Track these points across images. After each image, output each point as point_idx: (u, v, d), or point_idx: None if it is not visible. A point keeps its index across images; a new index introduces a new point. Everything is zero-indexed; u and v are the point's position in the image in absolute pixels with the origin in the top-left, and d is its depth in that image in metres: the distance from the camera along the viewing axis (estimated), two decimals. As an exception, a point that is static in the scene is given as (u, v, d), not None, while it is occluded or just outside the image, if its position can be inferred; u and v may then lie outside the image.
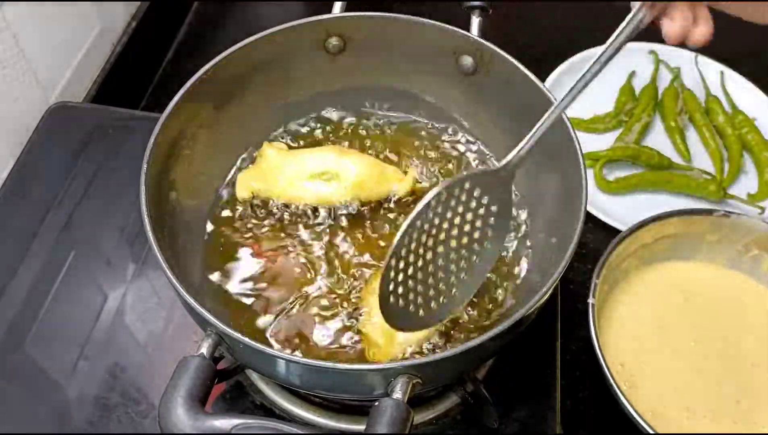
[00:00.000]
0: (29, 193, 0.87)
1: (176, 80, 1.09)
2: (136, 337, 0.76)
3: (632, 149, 0.98)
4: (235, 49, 0.72)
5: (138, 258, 0.82)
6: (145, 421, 0.71)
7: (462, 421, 0.72)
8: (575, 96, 0.58)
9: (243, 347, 0.56)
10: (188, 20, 1.21)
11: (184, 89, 0.68)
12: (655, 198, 0.97)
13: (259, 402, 0.73)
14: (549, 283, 0.59)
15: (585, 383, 0.81)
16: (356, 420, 0.71)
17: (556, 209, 0.69)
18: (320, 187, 0.73)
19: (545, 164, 0.72)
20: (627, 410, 0.70)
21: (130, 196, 0.85)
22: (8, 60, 0.88)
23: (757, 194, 0.96)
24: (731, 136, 1.01)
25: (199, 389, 0.52)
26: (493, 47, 0.73)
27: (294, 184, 0.73)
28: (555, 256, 0.62)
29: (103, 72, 1.06)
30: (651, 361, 0.78)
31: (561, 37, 1.15)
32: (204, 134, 0.73)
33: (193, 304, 0.56)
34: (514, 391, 0.74)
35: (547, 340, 0.77)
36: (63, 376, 0.74)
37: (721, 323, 0.81)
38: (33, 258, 0.81)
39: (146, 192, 0.62)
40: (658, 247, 0.83)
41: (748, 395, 0.76)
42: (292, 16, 0.74)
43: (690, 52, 1.10)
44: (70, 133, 0.92)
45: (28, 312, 0.77)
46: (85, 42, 1.03)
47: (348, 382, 0.57)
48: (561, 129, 0.67)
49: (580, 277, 0.87)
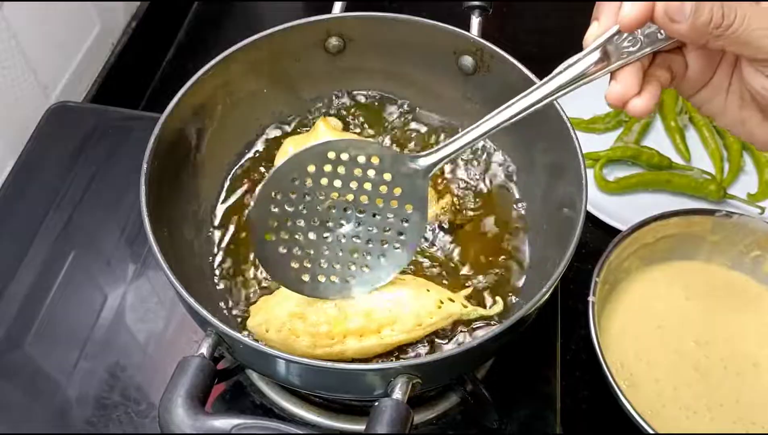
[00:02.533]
0: (29, 193, 0.87)
1: (176, 80, 1.09)
2: (136, 337, 0.76)
3: (632, 149, 0.98)
4: (235, 49, 0.72)
5: (138, 258, 0.82)
6: (145, 421, 0.71)
7: (462, 421, 0.72)
8: (497, 127, 0.58)
9: (243, 347, 0.56)
10: (188, 20, 1.21)
11: (184, 89, 0.69)
12: (655, 198, 0.97)
13: (259, 402, 0.73)
14: (549, 283, 0.59)
15: (585, 383, 0.81)
16: (356, 420, 0.71)
17: (556, 209, 0.69)
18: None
19: (545, 164, 0.72)
20: (626, 409, 0.70)
21: (130, 196, 0.85)
22: (8, 60, 0.88)
23: (757, 194, 0.96)
24: (731, 136, 1.01)
25: (199, 389, 0.52)
26: (493, 47, 0.73)
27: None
28: (555, 256, 0.62)
29: (103, 72, 1.06)
30: (651, 360, 0.78)
31: (561, 37, 1.15)
32: (204, 134, 0.73)
33: (193, 304, 0.56)
34: (514, 391, 0.74)
35: (547, 340, 0.77)
36: (63, 376, 0.74)
37: (722, 324, 0.81)
38: (33, 258, 0.81)
39: (146, 192, 0.62)
40: (660, 246, 0.83)
41: (748, 395, 0.76)
42: (292, 16, 0.74)
43: (690, 52, 1.10)
44: (70, 133, 0.92)
45: (28, 312, 0.77)
46: (85, 42, 1.03)
47: (347, 382, 0.57)
48: (561, 129, 0.68)
49: (580, 277, 0.87)
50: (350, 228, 0.62)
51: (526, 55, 0.73)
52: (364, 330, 0.63)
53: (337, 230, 0.62)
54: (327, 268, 0.62)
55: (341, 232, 0.62)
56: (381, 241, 0.62)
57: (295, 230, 0.61)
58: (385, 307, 0.63)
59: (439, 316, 0.64)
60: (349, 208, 0.61)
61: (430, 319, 0.64)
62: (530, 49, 1.12)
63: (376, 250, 0.62)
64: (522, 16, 1.19)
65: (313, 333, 0.62)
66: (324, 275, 0.62)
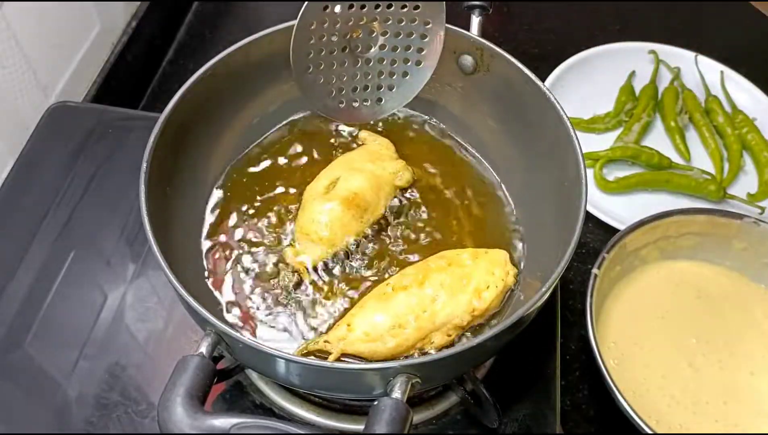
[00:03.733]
0: (29, 193, 0.87)
1: (176, 80, 1.10)
2: (136, 337, 0.76)
3: (632, 149, 0.98)
4: (235, 49, 0.72)
5: (138, 258, 0.82)
6: (145, 420, 0.71)
7: (462, 421, 0.72)
8: None
9: (242, 347, 0.56)
10: (188, 20, 1.21)
11: (183, 89, 0.69)
12: (655, 198, 0.97)
13: (259, 402, 0.73)
14: (549, 283, 0.59)
15: (585, 383, 0.81)
16: (356, 420, 0.71)
17: (556, 209, 0.69)
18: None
19: (545, 164, 0.72)
20: (608, 384, 0.71)
21: (130, 196, 0.85)
22: (8, 60, 0.88)
23: (756, 194, 0.96)
24: (731, 136, 1.01)
25: (198, 388, 0.52)
26: (493, 47, 0.73)
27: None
28: (555, 255, 0.62)
29: (102, 72, 1.06)
30: (645, 346, 0.79)
31: (561, 37, 1.15)
32: (204, 133, 0.73)
33: (193, 303, 0.56)
34: (514, 391, 0.74)
35: (547, 340, 0.77)
36: (63, 375, 0.74)
37: (728, 329, 0.81)
38: (33, 258, 0.81)
39: (146, 192, 0.62)
40: (684, 243, 0.83)
41: (738, 400, 0.76)
42: (292, 16, 0.74)
43: (690, 52, 1.10)
44: (70, 133, 0.92)
45: (28, 312, 0.77)
46: (85, 42, 1.03)
47: (347, 381, 0.57)
48: (561, 129, 0.68)
49: (580, 277, 0.88)
50: (376, 51, 0.72)
51: (526, 55, 0.73)
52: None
53: (365, 55, 0.72)
54: (359, 93, 0.74)
55: (368, 56, 0.72)
56: (404, 59, 0.73)
57: (330, 60, 0.70)
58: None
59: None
60: (374, 31, 0.70)
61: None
62: (530, 49, 1.12)
63: (401, 69, 0.73)
64: (522, 16, 1.19)
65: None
66: (357, 100, 0.74)
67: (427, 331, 0.64)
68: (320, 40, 0.69)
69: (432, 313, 0.64)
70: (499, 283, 0.66)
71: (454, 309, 0.65)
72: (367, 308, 0.65)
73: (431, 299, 0.65)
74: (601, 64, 1.08)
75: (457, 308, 0.65)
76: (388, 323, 0.64)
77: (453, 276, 0.66)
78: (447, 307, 0.65)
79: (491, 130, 0.79)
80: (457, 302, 0.65)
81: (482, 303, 0.65)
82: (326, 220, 0.70)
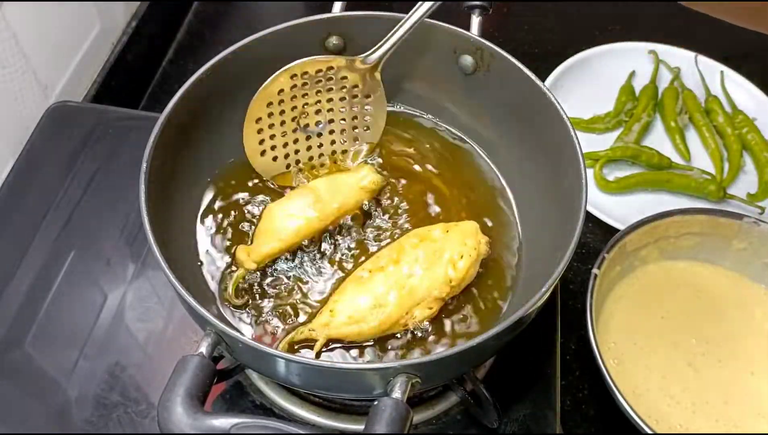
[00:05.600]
0: (29, 193, 0.87)
1: (176, 80, 1.10)
2: (136, 337, 0.76)
3: (632, 149, 0.98)
4: (235, 48, 0.72)
5: (138, 258, 0.82)
6: (145, 420, 0.71)
7: (462, 421, 0.72)
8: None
9: (242, 347, 0.56)
10: (188, 20, 1.21)
11: (183, 89, 0.69)
12: (655, 198, 0.97)
13: (259, 402, 0.73)
14: (549, 283, 0.59)
15: (585, 383, 0.81)
16: (356, 420, 0.71)
17: (556, 209, 0.69)
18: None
19: (545, 164, 0.72)
20: (608, 383, 0.71)
21: (130, 196, 0.85)
22: (8, 60, 0.88)
23: (756, 194, 0.96)
24: (731, 136, 1.01)
25: (198, 388, 0.52)
26: (493, 47, 0.73)
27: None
28: (555, 256, 0.62)
29: (102, 72, 1.06)
30: (646, 346, 0.79)
31: (561, 37, 1.15)
32: (204, 133, 0.73)
33: (193, 303, 0.56)
34: (514, 391, 0.74)
35: (547, 341, 0.77)
36: (63, 375, 0.74)
37: (729, 329, 0.81)
38: (33, 258, 0.81)
39: (146, 192, 0.62)
40: (684, 243, 0.83)
41: (738, 400, 0.76)
42: (293, 15, 0.74)
43: (690, 52, 1.10)
44: (70, 133, 0.92)
45: (28, 312, 0.77)
46: (85, 42, 1.03)
47: (347, 381, 0.57)
48: (561, 129, 0.68)
49: (580, 277, 0.88)
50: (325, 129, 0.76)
51: (526, 55, 0.73)
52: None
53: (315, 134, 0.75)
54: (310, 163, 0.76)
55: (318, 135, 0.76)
56: (353, 127, 0.77)
57: (280, 134, 0.73)
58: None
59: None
60: (320, 111, 0.74)
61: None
62: (530, 49, 1.12)
63: (350, 136, 0.77)
64: (522, 16, 1.19)
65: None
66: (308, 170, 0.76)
67: (408, 307, 0.65)
68: (271, 121, 0.73)
69: (411, 289, 0.66)
70: (472, 252, 0.68)
71: (431, 282, 0.66)
72: (347, 292, 0.66)
73: (408, 275, 0.66)
74: (601, 64, 1.08)
75: (435, 281, 0.66)
76: (369, 304, 0.65)
77: (427, 251, 0.67)
78: (424, 280, 0.66)
79: (491, 130, 0.79)
80: (433, 275, 0.66)
81: (458, 273, 0.67)
82: (280, 216, 0.71)
